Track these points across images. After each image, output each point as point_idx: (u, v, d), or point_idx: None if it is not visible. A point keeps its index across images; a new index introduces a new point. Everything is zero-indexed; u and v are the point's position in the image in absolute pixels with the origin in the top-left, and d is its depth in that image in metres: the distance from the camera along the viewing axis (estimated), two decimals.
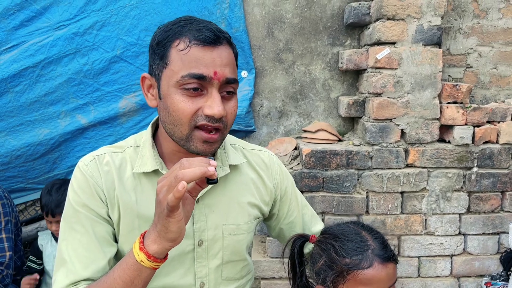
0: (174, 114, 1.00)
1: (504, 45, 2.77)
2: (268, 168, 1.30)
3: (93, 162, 1.09)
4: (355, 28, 2.78)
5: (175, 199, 0.81)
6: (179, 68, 0.98)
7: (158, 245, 0.89)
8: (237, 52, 1.10)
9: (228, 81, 1.01)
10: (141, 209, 1.08)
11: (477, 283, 2.66)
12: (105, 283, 0.95)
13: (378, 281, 1.02)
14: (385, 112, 2.50)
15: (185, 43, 0.98)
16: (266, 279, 2.64)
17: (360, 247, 1.05)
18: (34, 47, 2.62)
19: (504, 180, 2.56)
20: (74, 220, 1.05)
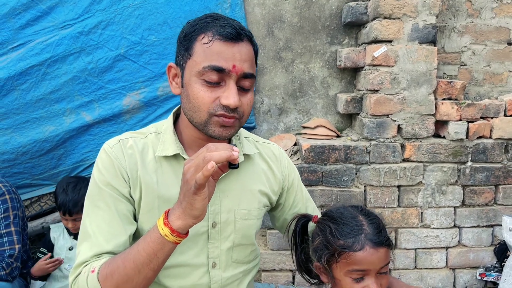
0: (194, 102, 1.08)
1: (497, 44, 2.86)
2: (278, 160, 1.38)
3: (118, 145, 1.17)
4: (353, 27, 2.86)
5: (204, 177, 0.88)
6: (202, 59, 1.06)
7: (182, 221, 0.96)
8: (257, 50, 1.17)
9: (246, 76, 1.08)
10: (161, 190, 1.15)
11: (471, 274, 2.74)
12: (130, 254, 1.01)
13: (368, 263, 1.09)
14: (382, 108, 2.58)
15: (209, 37, 1.06)
16: (267, 271, 2.71)
17: (354, 231, 1.12)
18: (40, 46, 2.68)
19: (497, 174, 2.65)
20: (98, 198, 1.12)
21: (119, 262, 1.02)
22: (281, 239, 2.67)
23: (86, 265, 1.06)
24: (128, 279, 1.00)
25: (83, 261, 1.07)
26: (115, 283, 1.00)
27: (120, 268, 1.00)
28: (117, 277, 1.00)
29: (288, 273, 2.73)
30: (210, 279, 1.21)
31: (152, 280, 1.04)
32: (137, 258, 0.99)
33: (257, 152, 1.32)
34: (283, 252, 2.69)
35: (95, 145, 2.88)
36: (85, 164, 2.91)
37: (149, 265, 0.99)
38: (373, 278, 1.10)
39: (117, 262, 1.02)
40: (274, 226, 1.50)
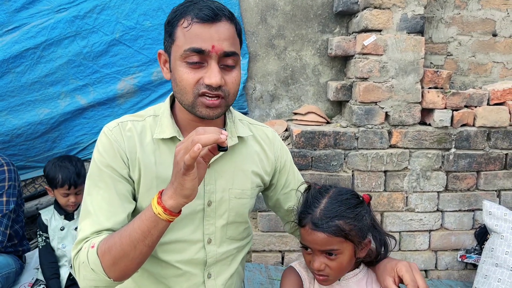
0: (180, 84, 1.14)
1: (482, 35, 2.95)
2: (271, 142, 1.44)
3: (117, 128, 1.22)
4: (344, 16, 2.93)
5: (191, 159, 0.94)
6: (183, 43, 1.11)
7: (174, 200, 1.02)
8: (240, 28, 1.22)
9: (227, 54, 1.12)
10: (159, 170, 1.21)
11: (452, 256, 2.86)
12: (126, 231, 1.07)
13: (307, 241, 1.20)
14: (370, 96, 2.66)
15: (188, 21, 1.11)
16: (257, 252, 2.80)
17: (308, 209, 1.22)
18: (35, 29, 2.70)
19: (479, 161, 2.76)
20: (98, 178, 1.17)
21: (116, 239, 1.07)
22: (271, 221, 2.76)
23: (86, 241, 1.12)
24: (125, 254, 1.05)
25: (84, 238, 1.13)
26: (113, 258, 1.06)
27: (117, 244, 1.06)
28: (115, 252, 1.06)
29: (277, 253, 2.82)
30: (206, 254, 1.28)
31: (147, 255, 1.10)
32: (132, 234, 1.05)
33: (250, 134, 1.38)
34: (273, 234, 2.78)
35: (90, 128, 2.92)
36: (79, 147, 2.95)
37: (144, 241, 1.05)
38: (316, 256, 1.20)
39: (115, 238, 1.08)
40: (267, 205, 1.56)
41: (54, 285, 2.36)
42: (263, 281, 2.63)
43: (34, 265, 2.66)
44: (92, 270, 1.08)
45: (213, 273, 1.32)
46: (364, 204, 1.25)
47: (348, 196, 1.23)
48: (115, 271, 1.08)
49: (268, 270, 2.76)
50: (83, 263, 1.09)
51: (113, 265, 1.07)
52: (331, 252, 1.18)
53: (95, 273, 1.08)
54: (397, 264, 1.19)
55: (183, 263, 1.26)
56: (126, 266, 1.08)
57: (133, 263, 1.08)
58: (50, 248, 2.42)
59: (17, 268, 2.49)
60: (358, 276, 1.28)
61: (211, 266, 1.31)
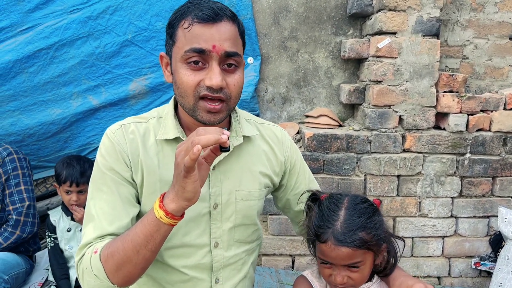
0: (181, 87, 1.11)
1: (499, 38, 2.90)
2: (280, 142, 1.40)
3: (119, 130, 1.20)
4: (358, 19, 2.90)
5: (191, 161, 0.90)
6: (183, 44, 1.09)
7: (176, 204, 0.99)
8: (243, 28, 1.19)
9: (228, 54, 1.10)
10: (162, 173, 1.19)
11: (466, 263, 2.81)
12: (128, 236, 1.05)
13: (330, 257, 1.14)
14: (384, 99, 2.63)
15: (188, 22, 1.09)
16: (267, 255, 2.78)
17: (327, 223, 1.16)
18: (49, 29, 2.71)
19: (495, 166, 2.71)
20: (101, 182, 1.16)
21: (118, 244, 1.05)
22: (282, 225, 2.74)
23: (90, 246, 1.10)
24: (127, 259, 1.03)
25: (87, 243, 1.11)
26: (116, 263, 1.04)
27: (119, 249, 1.04)
28: (117, 258, 1.04)
29: (288, 258, 2.79)
30: (212, 258, 1.25)
31: (151, 260, 1.07)
32: (135, 239, 1.03)
33: (257, 133, 1.34)
34: (284, 237, 2.75)
35: (101, 129, 2.92)
36: (90, 147, 2.96)
37: (147, 246, 1.03)
38: (337, 270, 1.15)
39: (117, 243, 1.06)
40: (276, 207, 1.53)
41: (64, 285, 2.36)
42: (273, 286, 2.61)
43: (44, 265, 2.67)
44: (96, 276, 1.06)
45: (221, 278, 1.29)
46: (379, 211, 1.22)
47: (365, 204, 1.19)
48: (119, 277, 1.06)
49: (279, 274, 2.73)
50: (86, 269, 1.08)
51: (116, 270, 1.05)
52: (356, 265, 1.14)
53: (98, 279, 1.06)
54: (413, 285, 1.12)
55: (189, 268, 1.24)
56: (130, 272, 1.06)
57: (137, 269, 1.06)
58: (59, 249, 2.42)
59: (27, 268, 2.50)
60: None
61: (218, 270, 1.28)
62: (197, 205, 1.05)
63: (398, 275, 1.23)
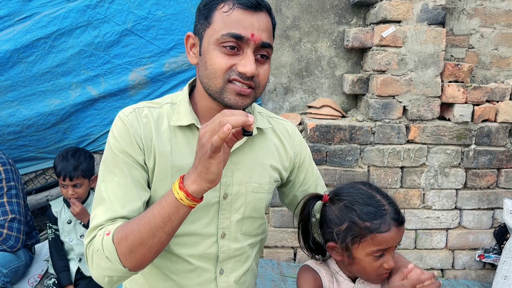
0: (211, 68, 1.09)
1: (505, 27, 2.84)
2: (291, 137, 1.38)
3: (133, 113, 1.17)
4: (361, 7, 2.84)
5: (220, 140, 0.89)
6: (221, 27, 1.07)
7: (198, 185, 0.97)
8: (275, 23, 1.19)
9: (264, 45, 1.09)
10: (175, 159, 1.17)
11: (470, 255, 2.78)
12: (144, 217, 1.02)
13: (393, 241, 1.11)
14: (388, 89, 2.58)
15: (229, 5, 1.08)
16: (269, 248, 2.75)
17: (378, 212, 1.11)
18: (47, 18, 2.67)
19: (500, 158, 2.66)
20: (113, 164, 1.13)
21: (133, 225, 1.03)
22: (284, 217, 2.71)
23: (101, 229, 1.08)
24: (142, 241, 1.01)
25: (98, 225, 1.09)
26: (129, 246, 1.01)
27: (134, 231, 1.02)
28: (132, 240, 1.01)
29: (289, 250, 2.77)
30: (218, 249, 1.24)
31: (166, 244, 1.05)
32: (152, 221, 1.01)
33: (270, 126, 1.33)
34: (285, 230, 2.72)
35: (100, 119, 2.89)
36: (90, 138, 2.93)
37: (164, 228, 1.01)
38: (391, 253, 1.13)
39: (132, 225, 1.03)
40: (282, 202, 1.51)
41: (64, 277, 2.34)
42: (275, 278, 2.58)
43: (43, 257, 2.65)
44: (107, 258, 1.03)
45: (225, 269, 1.27)
46: None
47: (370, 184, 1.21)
48: (131, 260, 1.03)
49: (280, 267, 2.70)
50: (97, 251, 1.05)
51: (129, 253, 1.02)
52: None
53: (109, 261, 1.03)
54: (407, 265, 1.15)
55: (195, 258, 1.22)
56: (143, 255, 1.03)
57: (151, 252, 1.04)
58: (59, 240, 2.39)
59: (26, 260, 2.47)
60: None
61: (223, 261, 1.26)
62: (207, 194, 1.04)
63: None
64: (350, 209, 1.15)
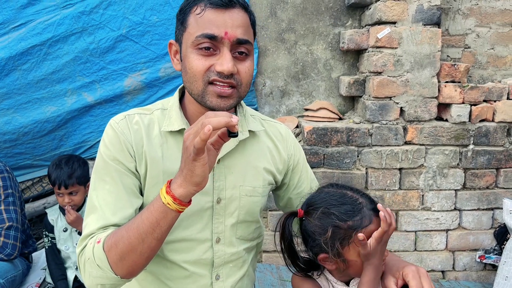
0: (190, 72, 1.09)
1: (501, 26, 2.83)
2: (284, 140, 1.38)
3: (124, 120, 1.17)
4: (357, 9, 2.84)
5: (201, 141, 0.88)
6: (195, 30, 1.07)
7: (184, 189, 0.96)
8: (254, 18, 1.17)
9: (240, 42, 1.08)
10: (166, 164, 1.16)
11: (471, 256, 2.76)
12: (133, 224, 1.02)
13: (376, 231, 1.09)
14: (385, 91, 2.57)
15: (201, 7, 1.08)
16: (268, 252, 2.74)
17: (355, 207, 1.10)
18: (42, 25, 2.66)
19: (499, 157, 2.65)
20: (104, 172, 1.12)
21: (123, 232, 1.02)
22: None
23: (92, 237, 1.07)
24: (132, 248, 1.00)
25: (89, 233, 1.08)
26: (120, 253, 1.01)
27: (124, 237, 1.01)
28: (122, 247, 1.01)
29: None
30: (214, 254, 1.22)
31: (156, 250, 1.04)
32: (140, 227, 1.00)
33: (263, 129, 1.32)
34: None
35: (97, 126, 2.88)
36: (86, 145, 2.91)
37: (152, 234, 1.00)
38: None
39: (122, 232, 1.03)
40: (277, 205, 1.50)
41: (62, 286, 2.32)
42: (274, 283, 2.56)
43: (41, 265, 2.63)
44: (98, 266, 1.03)
45: (222, 275, 1.26)
46: None
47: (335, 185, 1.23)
48: (122, 267, 1.02)
49: (280, 271, 2.68)
50: (89, 259, 1.04)
51: (120, 260, 1.01)
52: None
53: (101, 269, 1.03)
54: (404, 267, 1.10)
55: (190, 264, 1.21)
56: (134, 262, 1.02)
57: (141, 258, 1.03)
58: (56, 249, 2.38)
59: (23, 269, 2.45)
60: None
61: (219, 267, 1.25)
62: (200, 198, 1.03)
63: (389, 259, 1.19)
64: (328, 214, 1.11)
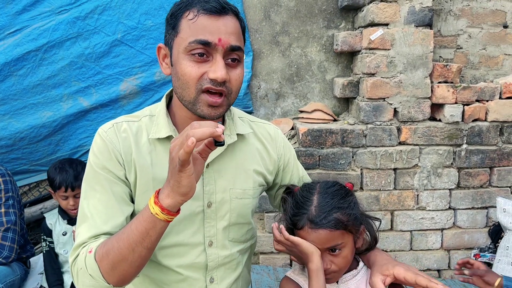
0: (182, 78, 1.09)
1: (492, 27, 2.87)
2: (273, 140, 1.39)
3: (112, 129, 1.17)
4: (350, 11, 2.86)
5: (185, 153, 0.88)
6: (188, 35, 1.07)
7: (171, 199, 0.97)
8: (244, 26, 1.18)
9: (233, 49, 1.09)
10: (156, 172, 1.17)
11: (466, 255, 2.78)
12: (123, 234, 1.03)
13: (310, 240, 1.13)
14: (378, 92, 2.59)
15: (194, 13, 1.07)
16: (265, 254, 2.75)
17: (301, 210, 1.16)
18: (37, 31, 2.67)
19: (492, 156, 2.68)
20: (94, 181, 1.13)
21: (113, 242, 1.03)
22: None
23: (84, 246, 1.08)
24: (123, 258, 1.01)
25: (81, 243, 1.09)
26: (111, 262, 1.02)
27: (114, 247, 1.02)
28: (113, 256, 1.01)
29: (285, 255, 2.76)
30: (207, 258, 1.23)
31: (147, 259, 1.05)
32: (130, 237, 1.01)
33: (251, 131, 1.33)
34: None
35: (93, 130, 2.88)
36: (83, 149, 2.92)
37: (142, 243, 1.00)
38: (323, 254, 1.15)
39: (112, 241, 1.03)
40: (272, 205, 1.52)
41: None
42: (271, 284, 2.58)
43: (39, 270, 2.63)
44: (91, 276, 1.04)
45: (216, 278, 1.27)
46: (352, 192, 1.23)
47: (336, 187, 1.20)
48: (114, 276, 1.03)
49: (276, 272, 2.70)
50: (81, 269, 1.05)
51: (111, 269, 1.02)
52: (335, 248, 1.14)
53: (93, 279, 1.04)
54: (395, 266, 1.14)
55: (184, 268, 1.22)
56: (125, 271, 1.03)
57: (132, 267, 1.04)
58: (53, 253, 2.38)
59: (21, 274, 2.46)
60: (356, 277, 1.24)
61: (213, 270, 1.26)
62: (191, 203, 1.04)
63: (380, 259, 1.22)
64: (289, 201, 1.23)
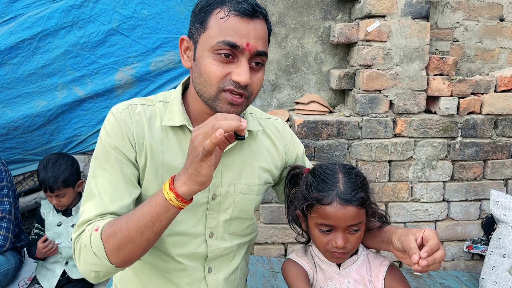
0: (205, 76, 1.08)
1: (489, 20, 2.87)
2: (281, 135, 1.40)
3: (126, 110, 1.17)
4: (347, 2, 2.85)
5: (212, 144, 0.89)
6: (216, 34, 1.06)
7: (188, 187, 0.98)
8: (271, 28, 1.17)
9: (259, 54, 1.08)
10: (166, 159, 1.17)
11: (459, 247, 2.81)
12: (133, 216, 1.03)
13: (335, 218, 1.15)
14: (374, 84, 2.59)
15: (225, 12, 1.06)
16: (260, 244, 2.76)
17: (328, 186, 1.17)
18: (31, 19, 2.65)
19: (486, 149, 2.69)
20: (104, 160, 1.13)
21: (122, 223, 1.03)
22: (274, 213, 2.72)
23: (90, 224, 1.08)
24: (130, 239, 1.02)
25: (87, 220, 1.09)
26: (117, 243, 1.02)
27: (123, 228, 1.02)
28: (120, 237, 1.02)
29: (280, 246, 2.78)
30: (207, 248, 1.25)
31: (153, 243, 1.06)
32: (140, 220, 1.01)
33: (261, 129, 1.34)
34: (276, 226, 2.73)
35: (88, 120, 2.88)
36: (77, 139, 2.91)
37: (152, 227, 1.01)
38: (340, 233, 1.16)
39: (121, 222, 1.04)
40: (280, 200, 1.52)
41: None
42: (266, 274, 2.59)
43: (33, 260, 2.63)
44: (94, 254, 1.04)
45: (213, 267, 1.28)
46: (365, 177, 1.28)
47: (355, 169, 1.24)
48: (118, 257, 1.04)
49: (271, 263, 2.71)
50: (85, 246, 1.05)
51: (116, 250, 1.03)
52: (356, 227, 1.17)
53: (96, 257, 1.04)
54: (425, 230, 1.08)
55: (184, 257, 1.23)
56: (130, 252, 1.04)
57: (138, 250, 1.04)
58: None
59: (16, 263, 2.47)
60: (357, 262, 1.27)
61: (212, 260, 1.27)
62: (197, 194, 1.03)
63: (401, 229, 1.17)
64: (307, 179, 1.23)
